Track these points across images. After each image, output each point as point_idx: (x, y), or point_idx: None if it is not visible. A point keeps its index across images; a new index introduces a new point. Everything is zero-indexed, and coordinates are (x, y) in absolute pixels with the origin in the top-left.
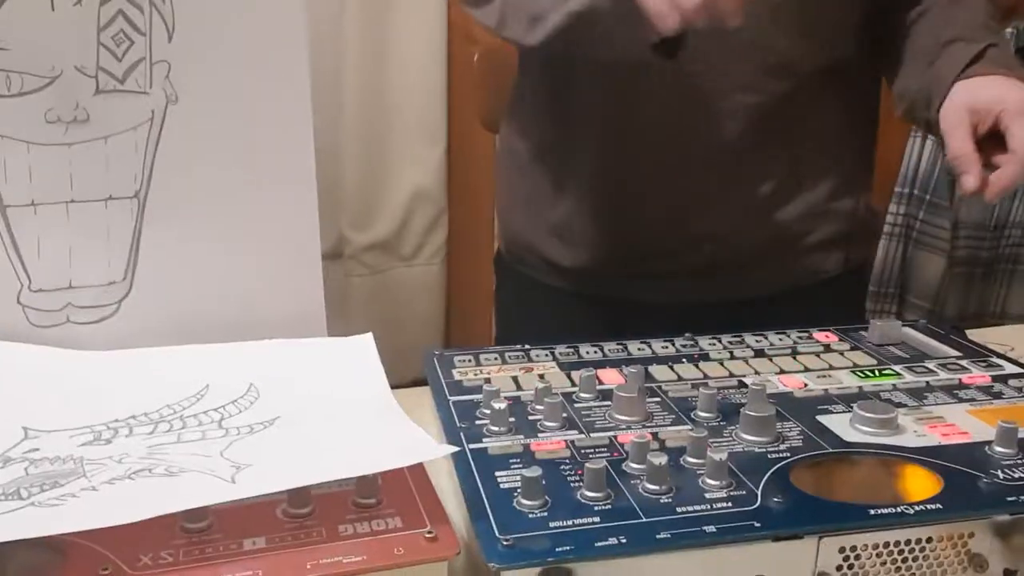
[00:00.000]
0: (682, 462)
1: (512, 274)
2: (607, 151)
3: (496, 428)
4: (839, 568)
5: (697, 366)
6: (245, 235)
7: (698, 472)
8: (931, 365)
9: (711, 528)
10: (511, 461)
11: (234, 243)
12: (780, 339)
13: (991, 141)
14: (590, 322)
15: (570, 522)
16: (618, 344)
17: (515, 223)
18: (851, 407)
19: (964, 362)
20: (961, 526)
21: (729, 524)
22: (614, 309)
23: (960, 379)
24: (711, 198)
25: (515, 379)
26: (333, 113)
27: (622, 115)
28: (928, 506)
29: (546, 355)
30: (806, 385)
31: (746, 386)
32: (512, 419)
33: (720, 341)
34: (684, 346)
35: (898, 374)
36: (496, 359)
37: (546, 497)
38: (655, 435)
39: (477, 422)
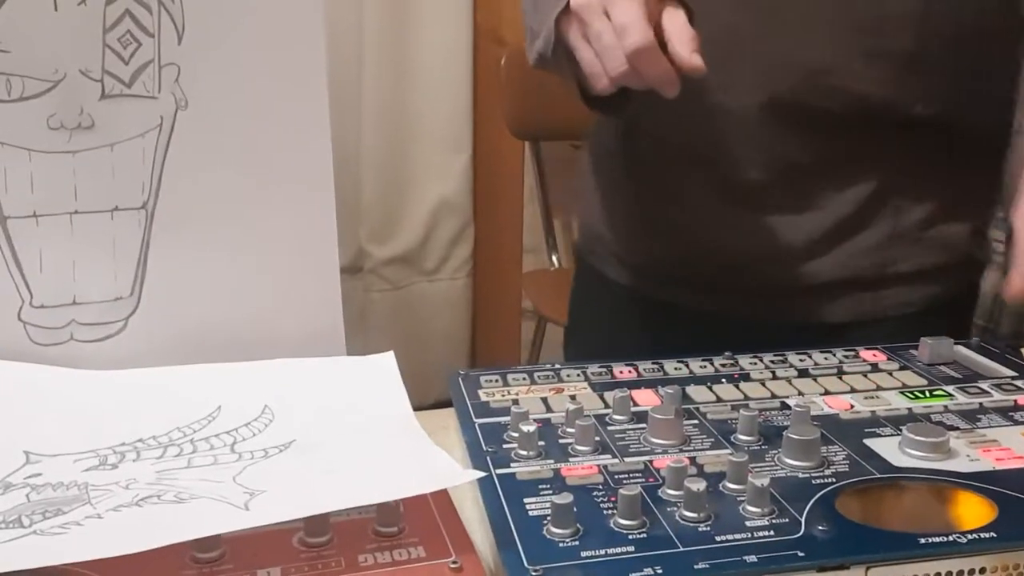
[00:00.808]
0: (721, 488)
1: (584, 266)
2: (666, 161)
3: (524, 452)
4: None
5: (737, 386)
6: (259, 248)
7: (738, 499)
8: (985, 385)
9: (752, 558)
10: (540, 487)
11: (247, 256)
12: (825, 358)
13: None
14: (657, 333)
15: (603, 551)
16: (653, 363)
17: (588, 213)
18: (900, 430)
19: (1020, 382)
20: (1017, 556)
21: (771, 554)
22: (674, 319)
23: (1015, 400)
24: (777, 217)
25: (545, 400)
26: (352, 119)
27: (681, 127)
28: (982, 535)
29: (577, 375)
30: (852, 407)
31: (789, 408)
32: (541, 443)
33: (762, 360)
34: (723, 365)
35: (950, 395)
36: (524, 379)
37: (577, 525)
38: (693, 460)
39: (504, 446)
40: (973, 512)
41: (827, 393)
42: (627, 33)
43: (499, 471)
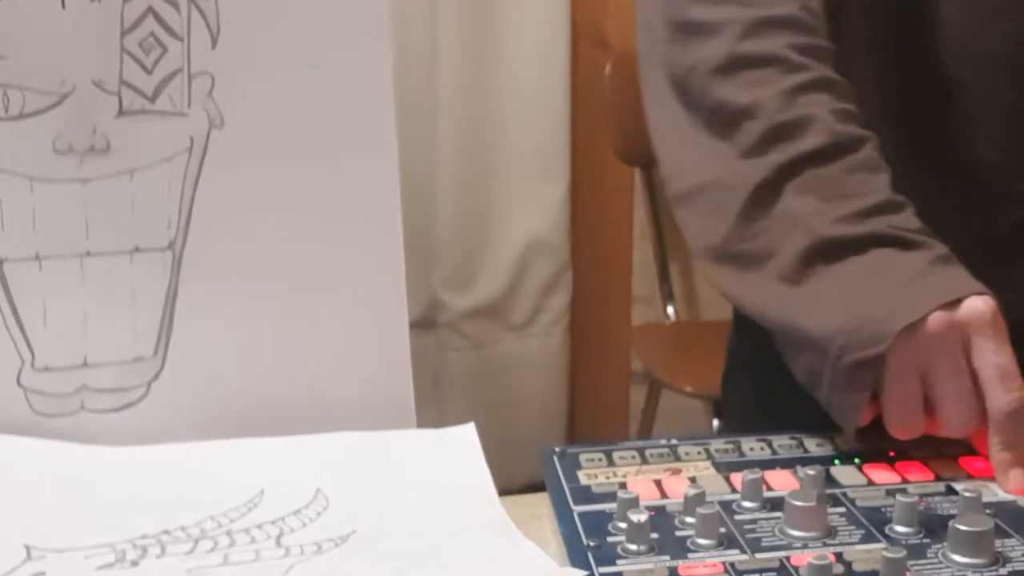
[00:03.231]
0: None
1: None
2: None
3: (634, 547)
4: None
5: (892, 466)
6: (310, 298)
7: None
8: None
9: None
10: None
11: (295, 308)
12: None
13: None
14: None
15: None
16: (791, 438)
17: None
18: None
19: None
20: None
21: None
22: None
23: None
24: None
25: (658, 483)
26: (423, 140)
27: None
28: None
29: (698, 452)
30: None
31: (956, 493)
32: (655, 535)
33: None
34: (876, 441)
35: None
36: (634, 457)
37: None
38: (839, 556)
39: (610, 539)
40: None
41: None
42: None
43: (603, 570)
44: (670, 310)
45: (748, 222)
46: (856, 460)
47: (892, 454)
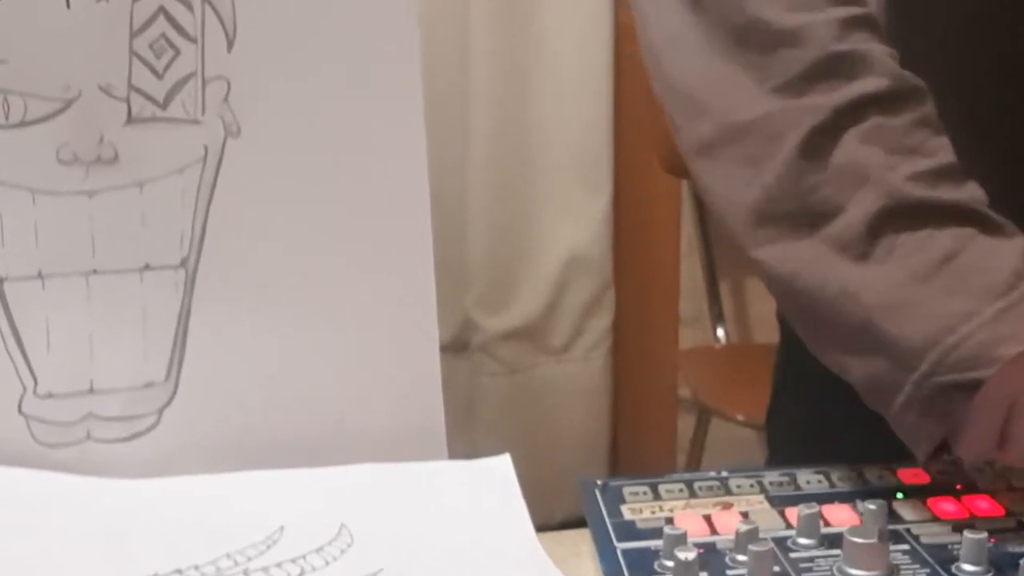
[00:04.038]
0: None
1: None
2: None
3: None
4: None
5: (959, 499)
6: (333, 319)
7: None
8: None
9: None
10: None
11: (317, 330)
12: None
13: None
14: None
15: None
16: (851, 470)
17: None
18: None
19: None
20: None
21: None
22: None
23: None
24: None
25: (708, 519)
26: (454, 148)
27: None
28: None
29: (751, 485)
30: None
31: None
32: (704, 574)
33: (992, 466)
34: (942, 473)
35: None
36: (682, 490)
37: None
38: None
39: None
40: None
41: None
42: None
43: None
44: (720, 332)
45: (800, 175)
46: (923, 497)
47: (959, 487)
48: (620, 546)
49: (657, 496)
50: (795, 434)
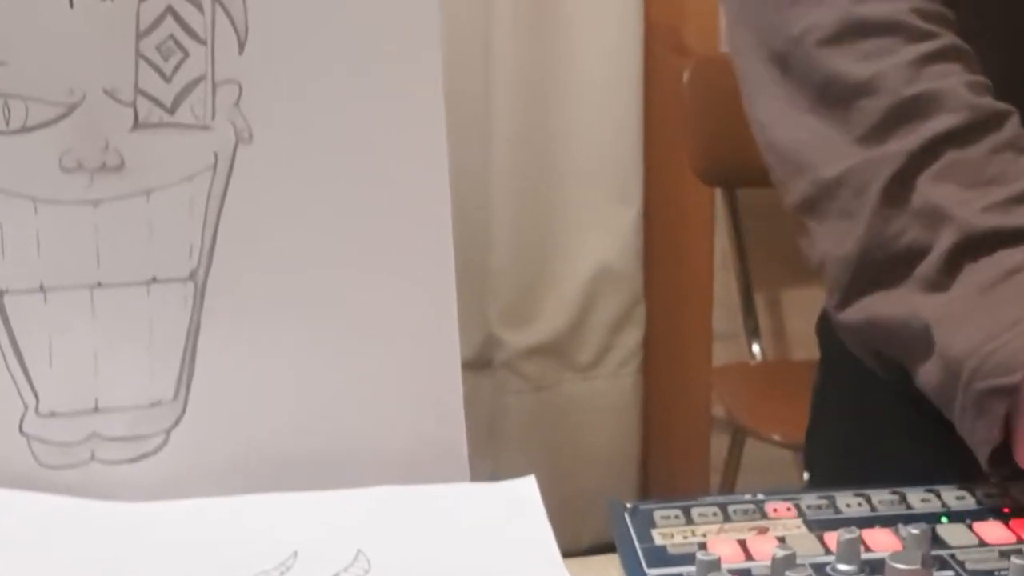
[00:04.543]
0: None
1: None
2: None
3: None
4: None
5: (1007, 524)
6: (349, 335)
7: None
8: None
9: None
10: None
11: (333, 346)
12: None
13: None
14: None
15: None
16: (892, 493)
17: None
18: None
19: None
20: None
21: None
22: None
23: None
24: None
25: (743, 544)
26: (477, 156)
27: None
28: None
29: (787, 508)
30: None
31: None
32: None
33: None
34: (988, 496)
35: None
36: (715, 514)
37: None
38: None
39: None
40: None
41: None
42: None
43: None
44: (755, 348)
45: (885, 223)
46: (968, 522)
47: (1006, 510)
48: (651, 572)
49: (689, 520)
50: (835, 453)
